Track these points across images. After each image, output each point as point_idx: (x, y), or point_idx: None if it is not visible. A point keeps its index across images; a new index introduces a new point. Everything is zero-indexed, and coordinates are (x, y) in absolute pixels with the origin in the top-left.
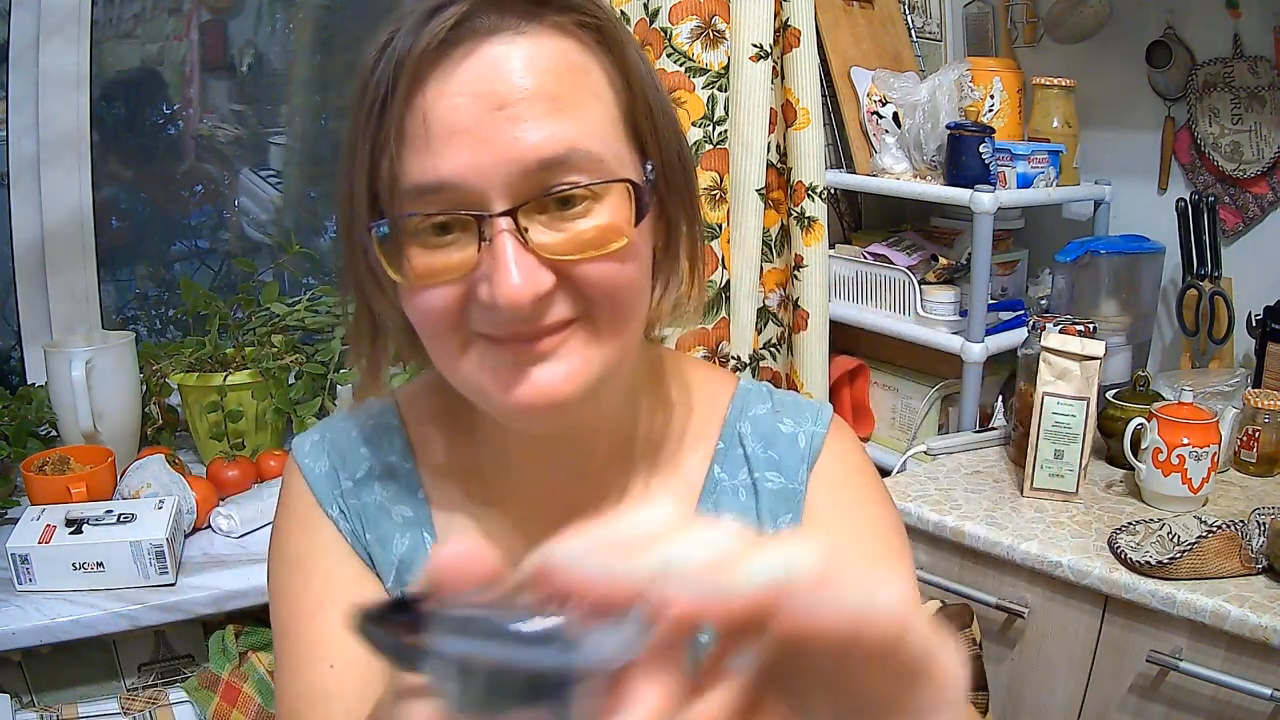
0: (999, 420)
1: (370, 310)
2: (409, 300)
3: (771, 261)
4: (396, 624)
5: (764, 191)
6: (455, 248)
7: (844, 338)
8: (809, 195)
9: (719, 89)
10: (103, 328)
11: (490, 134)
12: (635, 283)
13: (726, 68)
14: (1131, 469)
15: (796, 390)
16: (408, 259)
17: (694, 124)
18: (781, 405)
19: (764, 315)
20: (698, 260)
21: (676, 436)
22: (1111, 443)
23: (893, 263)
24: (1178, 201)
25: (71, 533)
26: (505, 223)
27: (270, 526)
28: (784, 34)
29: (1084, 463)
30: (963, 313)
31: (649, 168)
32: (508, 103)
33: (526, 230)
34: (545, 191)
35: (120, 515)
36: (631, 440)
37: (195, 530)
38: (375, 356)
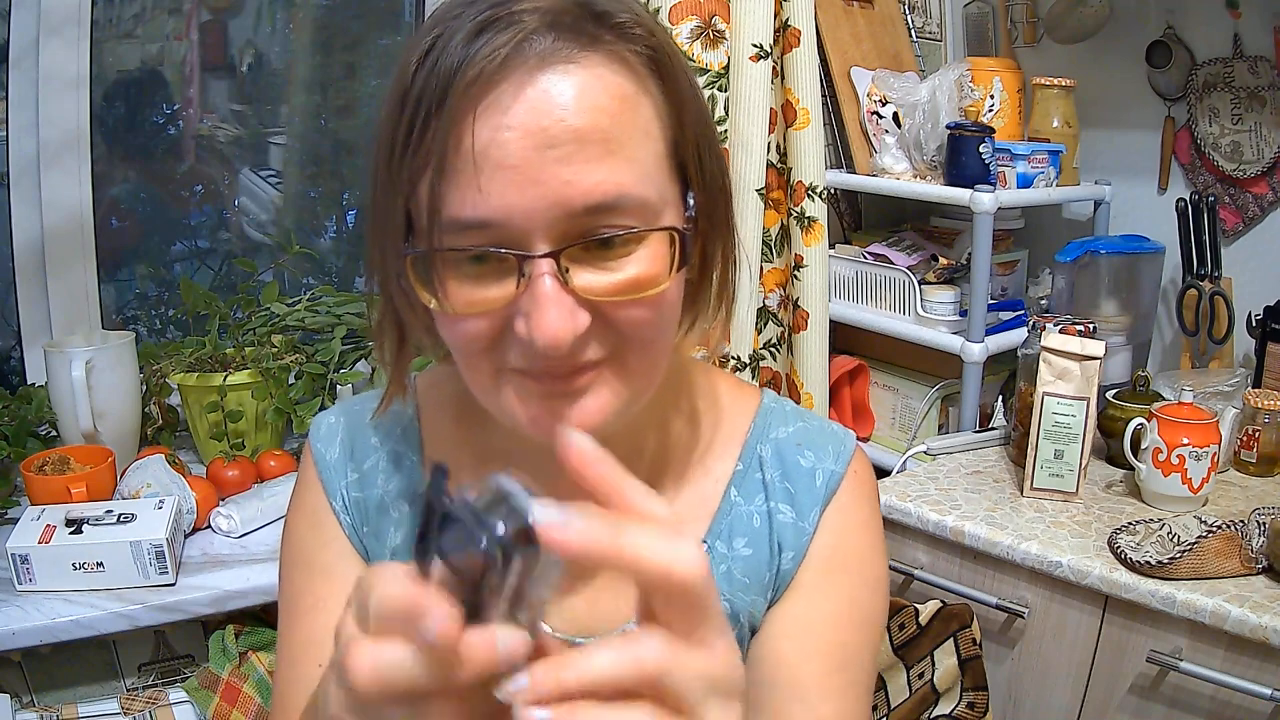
0: (999, 420)
1: (397, 315)
2: (443, 323)
3: (771, 261)
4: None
5: (764, 191)
6: (493, 280)
7: (844, 338)
8: (809, 195)
9: (719, 89)
10: (103, 328)
11: (538, 174)
12: (668, 323)
13: (726, 68)
14: (1131, 469)
15: (797, 390)
16: (443, 286)
17: None
18: (805, 435)
19: (764, 315)
20: (729, 285)
21: (697, 451)
22: (1111, 443)
23: (893, 263)
24: (1178, 201)
25: (71, 533)
26: (547, 264)
27: (270, 525)
28: (784, 34)
29: (1084, 463)
30: (963, 313)
31: (690, 201)
32: (557, 142)
33: (568, 270)
34: (589, 235)
35: (120, 515)
36: (649, 449)
37: (195, 530)
38: (401, 359)
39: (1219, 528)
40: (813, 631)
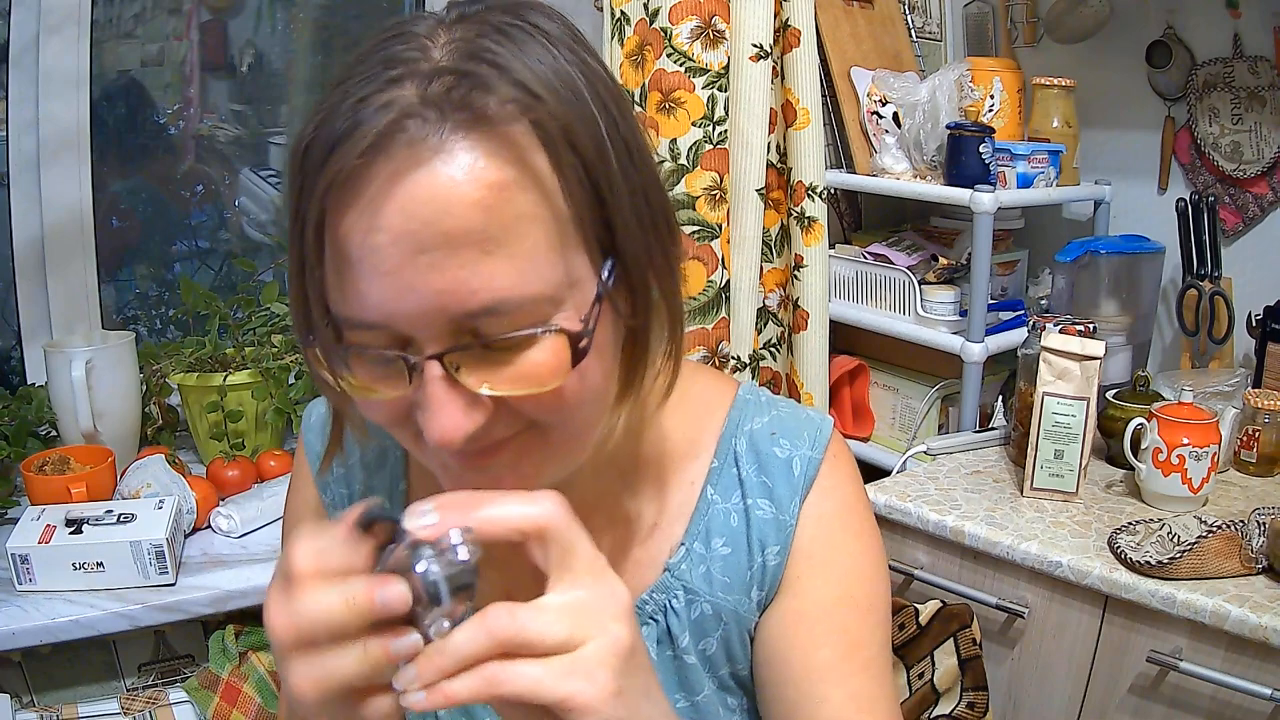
0: (999, 420)
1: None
2: (355, 399)
3: (771, 261)
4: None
5: (764, 191)
6: (390, 373)
7: (844, 338)
8: (809, 195)
9: (719, 89)
10: (103, 328)
11: (412, 280)
12: (587, 398)
13: (726, 68)
14: (1131, 469)
15: (797, 390)
16: (346, 371)
17: (694, 124)
18: (779, 423)
19: (764, 315)
20: (679, 322)
21: (669, 450)
22: (1111, 443)
23: (893, 263)
24: (1178, 201)
25: (71, 533)
26: (434, 366)
27: (271, 525)
28: (784, 34)
29: (1084, 463)
30: (963, 313)
31: (608, 265)
32: (428, 246)
33: (459, 368)
34: (474, 339)
35: (120, 515)
36: (618, 456)
37: (195, 530)
38: (338, 418)
39: (1219, 528)
40: (817, 621)
